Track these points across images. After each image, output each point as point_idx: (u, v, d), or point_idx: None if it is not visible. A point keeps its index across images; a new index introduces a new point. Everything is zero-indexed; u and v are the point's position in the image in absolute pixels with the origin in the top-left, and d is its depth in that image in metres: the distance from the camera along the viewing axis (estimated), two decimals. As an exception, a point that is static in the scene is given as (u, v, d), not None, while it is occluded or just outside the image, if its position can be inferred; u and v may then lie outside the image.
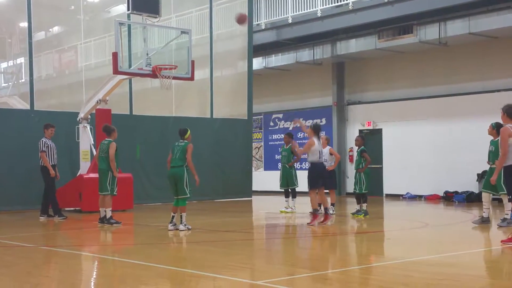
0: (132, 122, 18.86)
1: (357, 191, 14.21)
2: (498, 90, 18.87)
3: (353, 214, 14.35)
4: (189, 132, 11.90)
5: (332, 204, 14.53)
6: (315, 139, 12.48)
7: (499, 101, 18.58)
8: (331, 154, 14.54)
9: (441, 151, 19.65)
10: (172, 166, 11.68)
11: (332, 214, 14.06)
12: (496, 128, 11.80)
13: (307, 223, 12.63)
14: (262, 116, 25.50)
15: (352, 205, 16.14)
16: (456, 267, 8.09)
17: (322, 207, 12.76)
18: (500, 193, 11.61)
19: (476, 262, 8.67)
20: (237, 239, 11.13)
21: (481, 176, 18.86)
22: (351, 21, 19.97)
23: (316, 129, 12.62)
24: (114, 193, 13.09)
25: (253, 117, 22.89)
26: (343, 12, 20.15)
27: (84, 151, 16.75)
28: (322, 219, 12.59)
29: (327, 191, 14.02)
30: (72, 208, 16.46)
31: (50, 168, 14.62)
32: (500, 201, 17.56)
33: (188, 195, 11.65)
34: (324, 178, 12.79)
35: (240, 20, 11.83)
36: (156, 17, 15.32)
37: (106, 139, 13.18)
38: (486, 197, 12.03)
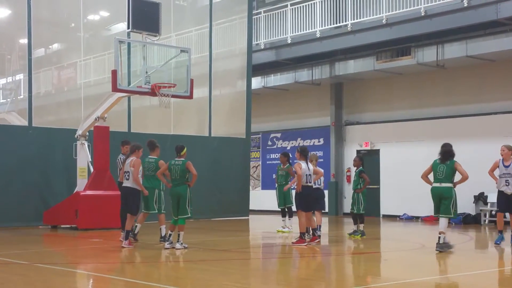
0: (130, 140, 18.82)
1: (355, 212, 14.20)
2: (495, 113, 18.95)
3: (350, 234, 14.32)
4: (185, 149, 11.92)
5: (319, 226, 14.31)
6: (302, 163, 12.49)
7: (495, 123, 18.86)
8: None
9: (438, 173, 19.68)
10: (174, 185, 11.71)
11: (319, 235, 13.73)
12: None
13: (292, 242, 12.65)
14: (260, 135, 25.54)
15: (349, 226, 16.12)
16: (452, 289, 8.08)
17: (310, 229, 12.72)
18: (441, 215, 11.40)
19: (471, 284, 8.65)
20: (233, 258, 11.10)
21: (478, 198, 18.89)
22: (349, 42, 20.11)
23: (303, 153, 12.64)
24: (162, 211, 12.58)
25: (251, 136, 22.92)
26: (342, 33, 20.29)
27: (82, 168, 16.72)
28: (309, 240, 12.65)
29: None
30: (68, 225, 16.41)
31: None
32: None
33: (189, 215, 11.65)
34: (310, 201, 12.69)
35: None
36: (156, 36, 15.39)
37: (151, 156, 12.53)
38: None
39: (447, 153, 11.59)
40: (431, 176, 11.72)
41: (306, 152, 12.71)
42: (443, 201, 11.44)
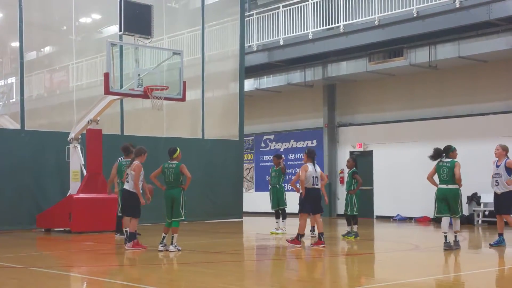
0: (123, 143, 18.80)
1: (348, 213, 14.22)
2: (487, 113, 19.01)
3: (343, 235, 14.34)
4: (178, 151, 11.87)
5: (312, 227, 14.38)
6: (309, 165, 12.48)
7: (488, 124, 18.92)
8: None
9: (431, 173, 19.73)
10: (169, 188, 11.68)
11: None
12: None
13: (287, 240, 12.73)
14: (253, 137, 25.53)
15: (342, 227, 16.13)
16: (446, 289, 8.09)
17: (317, 231, 12.74)
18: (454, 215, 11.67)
19: (465, 285, 8.67)
20: (227, 260, 11.09)
21: (471, 199, 18.94)
22: (342, 43, 20.15)
23: (310, 155, 12.64)
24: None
25: (244, 138, 22.92)
26: (335, 35, 20.32)
27: (75, 171, 16.69)
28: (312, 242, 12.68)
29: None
30: (61, 229, 16.35)
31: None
32: (490, 223, 17.69)
33: (183, 218, 11.64)
34: (317, 204, 12.69)
35: None
36: (148, 38, 15.39)
37: (128, 159, 12.60)
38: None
39: (436, 151, 11.75)
40: (435, 178, 11.84)
41: (313, 154, 12.71)
42: (451, 202, 11.54)
